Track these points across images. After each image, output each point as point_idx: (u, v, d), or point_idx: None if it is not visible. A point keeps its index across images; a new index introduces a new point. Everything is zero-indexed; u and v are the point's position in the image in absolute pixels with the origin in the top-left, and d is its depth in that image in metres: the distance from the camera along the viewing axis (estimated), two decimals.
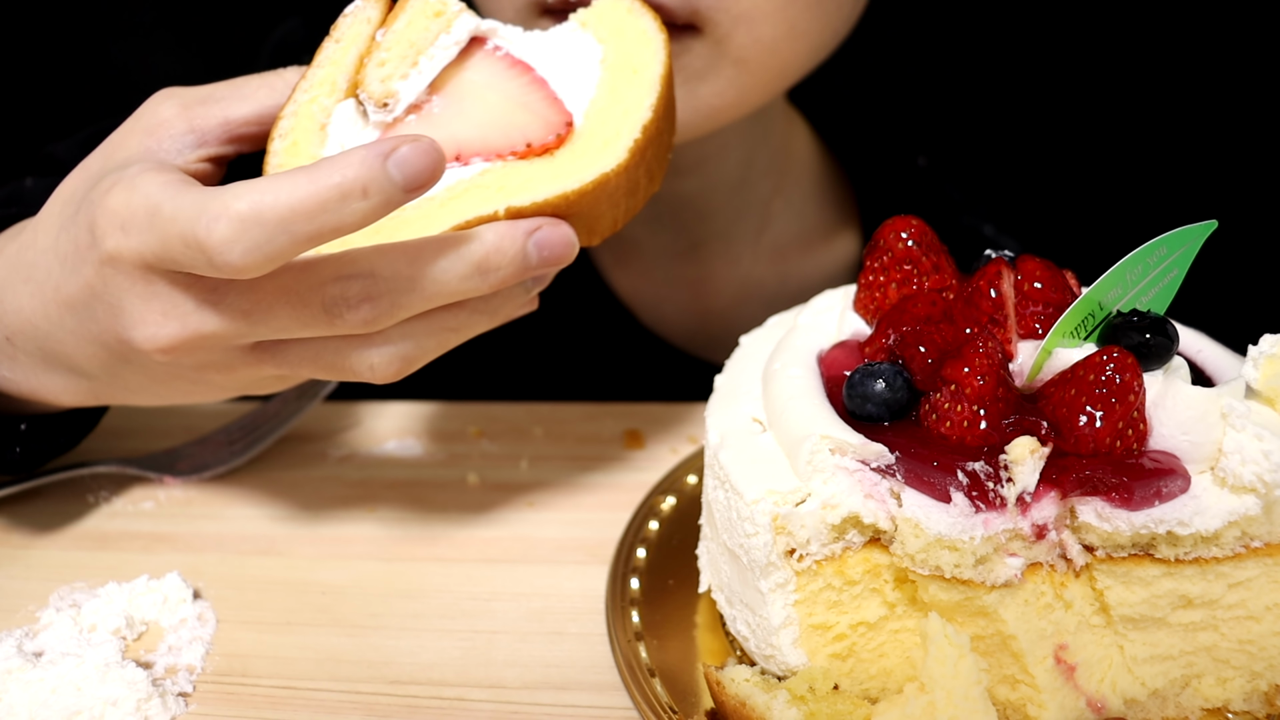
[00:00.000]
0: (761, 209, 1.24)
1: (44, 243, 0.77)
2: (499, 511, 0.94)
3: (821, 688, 0.67)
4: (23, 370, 0.82)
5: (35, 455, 0.92)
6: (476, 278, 0.70)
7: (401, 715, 0.74)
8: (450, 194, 0.75)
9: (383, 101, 0.77)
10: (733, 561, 0.71)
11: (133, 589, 0.83)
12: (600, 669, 0.77)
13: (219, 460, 1.00)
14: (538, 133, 0.76)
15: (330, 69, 0.79)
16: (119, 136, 0.78)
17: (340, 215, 0.63)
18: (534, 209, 0.73)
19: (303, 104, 0.78)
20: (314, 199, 0.62)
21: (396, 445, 1.04)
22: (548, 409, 1.08)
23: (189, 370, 0.76)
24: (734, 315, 1.27)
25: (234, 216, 0.63)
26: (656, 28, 0.81)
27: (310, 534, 0.92)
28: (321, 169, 0.63)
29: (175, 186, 0.67)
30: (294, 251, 0.64)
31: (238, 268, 0.64)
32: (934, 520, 0.64)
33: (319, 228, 0.63)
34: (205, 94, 0.78)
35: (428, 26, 0.78)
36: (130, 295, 0.71)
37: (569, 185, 0.73)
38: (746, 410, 0.74)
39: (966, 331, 0.71)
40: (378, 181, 0.63)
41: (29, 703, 0.71)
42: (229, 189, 0.64)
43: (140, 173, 0.69)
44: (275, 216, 0.62)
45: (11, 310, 0.79)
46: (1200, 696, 0.70)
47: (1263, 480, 0.63)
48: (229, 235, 0.63)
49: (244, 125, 0.78)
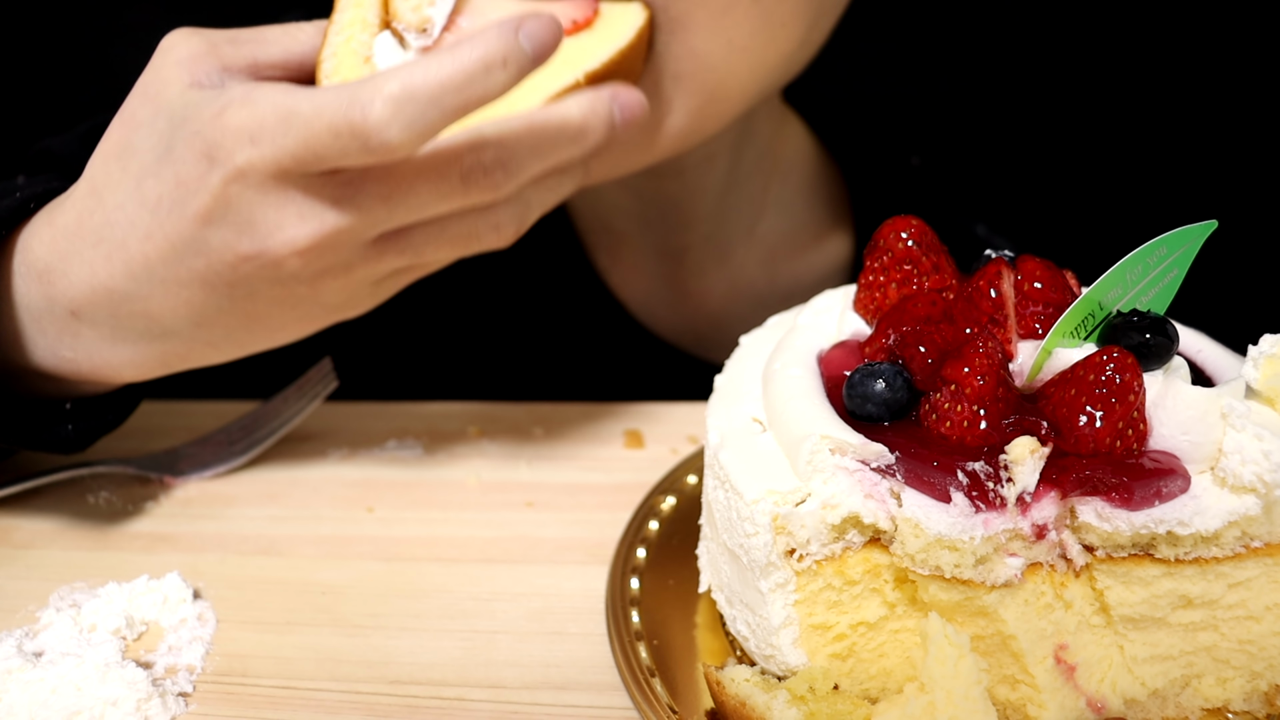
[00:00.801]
0: (751, 207, 1.24)
1: (114, 200, 0.78)
2: (499, 511, 0.94)
3: (821, 688, 0.67)
4: (86, 346, 0.83)
5: (86, 433, 0.92)
6: (580, 139, 0.79)
7: (401, 715, 0.74)
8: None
9: (421, 27, 0.82)
10: (733, 561, 0.71)
11: (133, 589, 0.83)
12: (600, 669, 0.77)
13: (219, 460, 1.00)
14: (578, 11, 0.87)
15: (355, 10, 0.84)
16: (152, 76, 0.79)
17: (486, 85, 0.70)
18: (604, 68, 0.84)
19: (339, 45, 0.82)
20: (462, 73, 0.69)
21: (396, 445, 1.04)
22: (548, 409, 1.08)
23: (305, 284, 0.79)
24: (725, 314, 1.27)
25: (388, 97, 0.68)
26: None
27: (310, 534, 0.92)
28: (462, 47, 0.70)
29: (298, 91, 0.72)
30: (443, 125, 0.71)
31: (394, 146, 0.69)
32: (934, 520, 0.64)
33: (466, 99, 0.70)
34: (230, 35, 0.81)
35: None
36: (262, 206, 0.74)
37: (620, 43, 0.85)
38: (746, 410, 0.74)
39: (966, 331, 0.71)
40: (514, 52, 0.70)
41: (29, 703, 0.71)
42: (372, 77, 0.70)
43: (252, 88, 0.73)
44: (427, 93, 0.68)
45: (80, 280, 0.80)
46: (1200, 696, 0.70)
47: (1263, 480, 0.63)
48: (386, 114, 0.68)
49: (271, 69, 0.81)
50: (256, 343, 0.86)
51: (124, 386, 0.92)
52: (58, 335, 0.83)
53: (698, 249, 1.23)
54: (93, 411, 0.92)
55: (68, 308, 0.81)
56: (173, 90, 0.77)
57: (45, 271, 0.81)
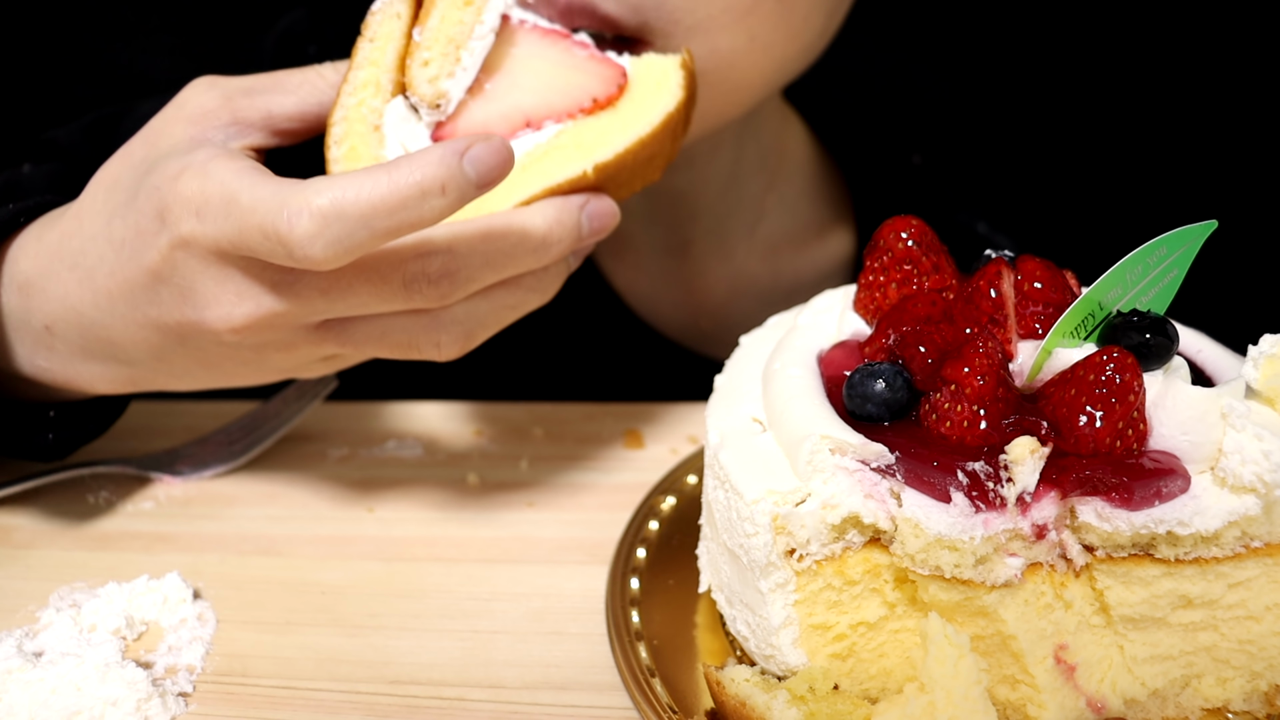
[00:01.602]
0: (753, 205, 1.24)
1: (91, 229, 0.78)
2: (499, 511, 0.94)
3: (821, 688, 0.67)
4: (60, 359, 0.83)
5: (66, 442, 0.93)
6: (540, 251, 0.76)
7: (401, 715, 0.74)
8: (531, 158, 0.80)
9: (435, 103, 0.80)
10: (733, 561, 0.71)
11: (133, 589, 0.83)
12: (600, 669, 0.77)
13: (219, 460, 1.00)
14: (600, 88, 0.81)
15: (371, 70, 0.81)
16: (160, 124, 0.79)
17: (419, 211, 0.66)
18: (617, 160, 0.79)
19: (350, 108, 0.80)
20: (395, 196, 0.66)
21: (396, 445, 1.04)
22: (548, 409, 1.08)
23: (249, 350, 0.79)
24: (727, 311, 1.27)
25: (315, 212, 0.65)
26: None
27: (310, 534, 0.92)
28: (400, 168, 0.66)
29: (251, 175, 0.70)
30: (373, 246, 0.68)
31: (318, 261, 0.67)
32: (934, 520, 0.64)
33: (398, 223, 0.67)
34: (247, 85, 0.80)
35: (461, 19, 0.81)
36: (204, 278, 0.73)
37: (642, 130, 0.80)
38: (746, 410, 0.74)
39: (966, 331, 0.71)
40: (455, 179, 0.66)
41: (29, 703, 0.71)
42: (308, 184, 0.67)
43: (211, 158, 0.72)
44: (356, 213, 0.65)
45: (55, 298, 0.80)
46: (1200, 696, 0.70)
47: (1263, 480, 0.63)
48: (311, 230, 0.66)
49: (286, 120, 0.80)
50: (217, 383, 0.85)
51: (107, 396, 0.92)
52: (33, 346, 0.84)
53: (701, 244, 1.24)
54: (75, 420, 0.92)
55: (43, 322, 0.82)
56: (165, 144, 0.78)
57: (26, 285, 0.82)
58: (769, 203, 1.25)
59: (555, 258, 0.78)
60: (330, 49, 1.24)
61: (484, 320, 0.79)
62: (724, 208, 1.22)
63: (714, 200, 1.21)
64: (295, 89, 0.80)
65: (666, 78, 0.82)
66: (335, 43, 1.22)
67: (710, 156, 1.16)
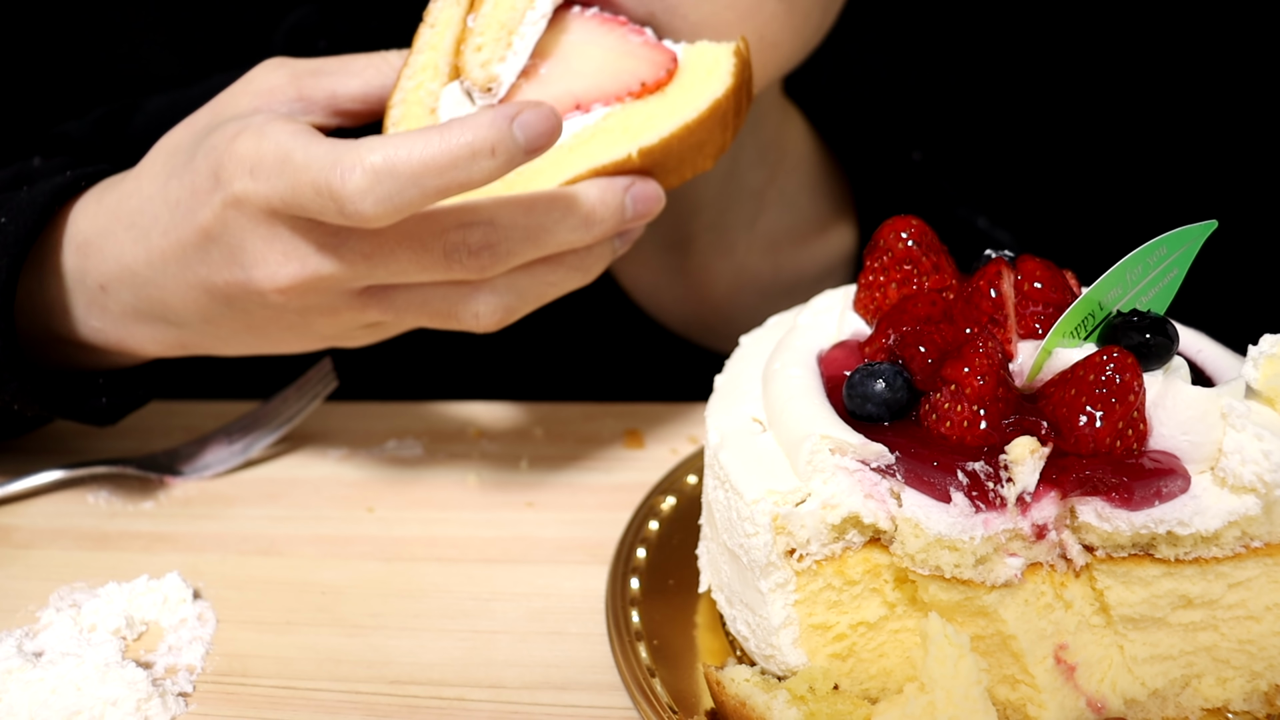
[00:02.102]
0: (754, 199, 1.24)
1: (149, 190, 0.80)
2: (499, 511, 0.94)
3: (821, 688, 0.67)
4: (113, 320, 0.85)
5: (118, 407, 0.95)
6: (582, 229, 0.77)
7: (401, 715, 0.74)
8: (578, 140, 0.81)
9: (486, 86, 0.81)
10: (733, 561, 0.71)
11: (133, 589, 0.83)
12: (600, 669, 0.77)
13: (219, 460, 1.00)
14: (649, 72, 0.82)
15: (430, 54, 0.83)
16: (228, 96, 0.82)
17: (469, 171, 0.68)
18: (662, 145, 0.80)
19: (409, 90, 0.82)
20: (446, 155, 0.67)
21: (396, 445, 1.04)
22: (548, 409, 1.08)
23: (293, 314, 0.80)
24: (730, 305, 1.28)
25: (368, 168, 0.67)
26: None
27: (310, 534, 0.92)
28: (453, 128, 0.68)
29: (305, 135, 0.71)
30: (422, 204, 0.69)
31: (368, 217, 0.68)
32: (934, 520, 0.64)
33: (447, 183, 0.68)
34: (315, 66, 0.82)
35: (514, 5, 0.82)
36: (253, 236, 0.75)
37: (688, 115, 0.80)
38: (746, 410, 0.74)
39: (966, 331, 0.71)
40: (504, 142, 0.68)
41: (29, 703, 0.71)
42: (361, 142, 0.68)
43: (268, 121, 0.74)
44: (408, 170, 0.67)
45: (111, 257, 0.82)
46: (1200, 696, 0.70)
47: (1263, 480, 0.63)
48: (362, 185, 0.67)
49: (349, 101, 0.82)
50: (262, 348, 0.87)
51: (152, 363, 0.94)
52: (88, 307, 0.86)
53: (703, 239, 1.24)
54: (123, 386, 0.94)
55: (98, 281, 0.84)
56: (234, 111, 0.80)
57: (84, 244, 0.84)
58: (769, 197, 1.26)
59: (598, 237, 0.78)
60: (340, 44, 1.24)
61: (525, 294, 0.80)
62: (724, 202, 1.23)
63: (715, 194, 1.21)
64: (360, 72, 0.82)
65: (718, 65, 0.82)
66: (345, 37, 1.23)
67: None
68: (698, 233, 1.24)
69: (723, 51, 0.83)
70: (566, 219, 0.76)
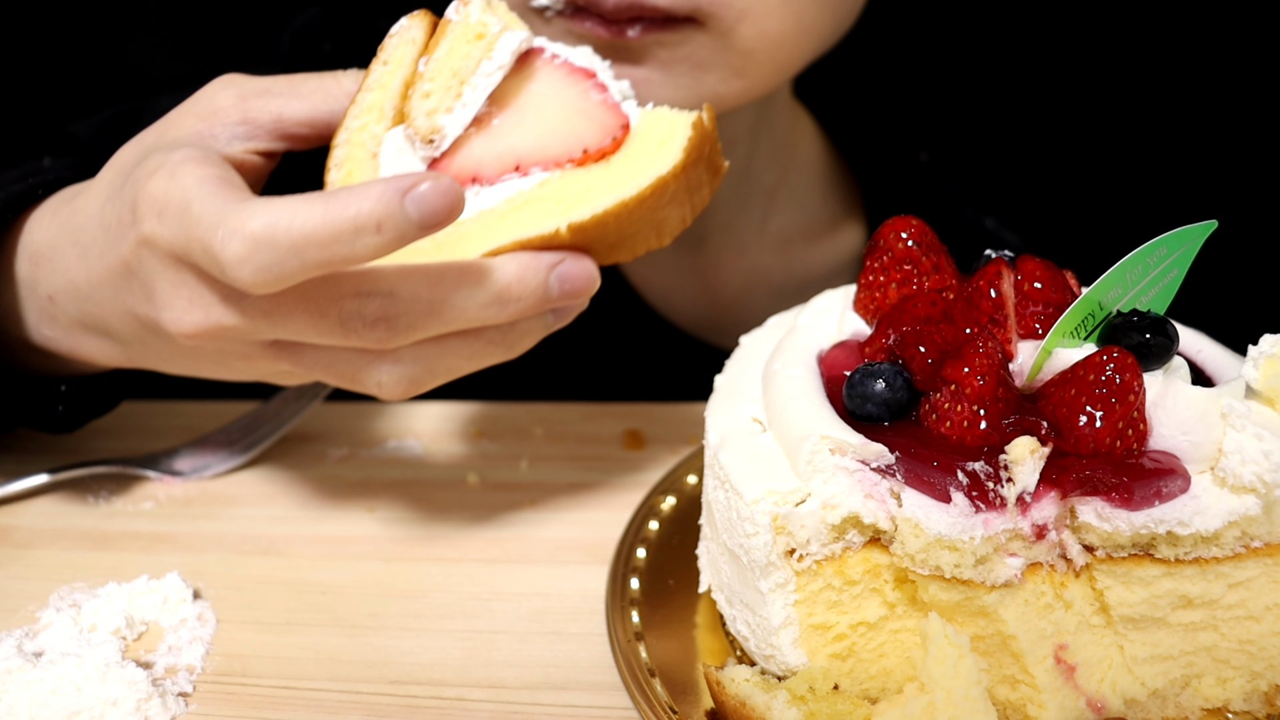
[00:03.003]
0: (766, 200, 1.26)
1: (92, 208, 0.79)
2: (499, 511, 0.94)
3: (821, 688, 0.67)
4: (62, 330, 0.84)
5: (75, 415, 0.94)
6: (495, 307, 0.71)
7: (401, 715, 0.74)
8: (511, 205, 0.75)
9: (429, 138, 0.76)
10: (733, 561, 0.71)
11: (133, 589, 0.83)
12: (600, 669, 0.77)
13: (219, 460, 1.00)
14: (594, 137, 0.75)
15: (379, 93, 0.78)
16: (175, 116, 0.80)
17: (352, 247, 0.63)
18: (594, 222, 0.72)
19: (354, 130, 0.78)
20: (328, 229, 0.63)
21: (396, 445, 1.04)
22: (548, 409, 1.08)
23: (210, 355, 0.78)
24: (742, 304, 1.29)
25: (248, 235, 0.64)
26: None
27: (310, 534, 0.92)
28: (339, 199, 0.63)
29: (210, 185, 0.68)
30: (306, 275, 0.65)
31: (247, 285, 0.65)
32: (934, 520, 0.64)
33: (330, 256, 0.64)
34: (263, 87, 0.79)
35: (468, 53, 0.76)
36: (162, 279, 0.73)
37: (627, 192, 0.72)
38: (746, 410, 0.74)
39: (966, 331, 0.71)
40: (393, 218, 0.63)
41: (29, 703, 0.71)
42: (249, 204, 0.65)
43: (183, 161, 0.71)
44: (288, 241, 0.63)
45: (59, 270, 0.81)
46: (1200, 696, 0.70)
47: (1263, 480, 0.63)
48: (241, 253, 0.64)
49: (296, 125, 0.79)
50: (200, 374, 0.84)
51: (116, 372, 0.93)
52: (39, 315, 0.85)
53: (715, 238, 1.25)
54: (84, 394, 0.93)
55: (47, 292, 0.83)
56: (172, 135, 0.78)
57: (35, 255, 0.83)
58: (780, 197, 1.27)
59: (514, 316, 0.72)
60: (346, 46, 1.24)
61: (433, 368, 0.74)
62: (737, 201, 1.24)
63: (728, 193, 1.22)
64: (309, 95, 0.79)
65: (672, 136, 0.73)
66: (351, 40, 1.23)
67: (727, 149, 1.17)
68: (711, 232, 1.25)
69: (680, 122, 0.74)
70: (476, 296, 0.70)
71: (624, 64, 0.94)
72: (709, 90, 0.97)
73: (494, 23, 0.76)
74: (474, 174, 0.76)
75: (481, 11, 0.77)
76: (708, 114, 0.74)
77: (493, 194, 0.76)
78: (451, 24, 0.77)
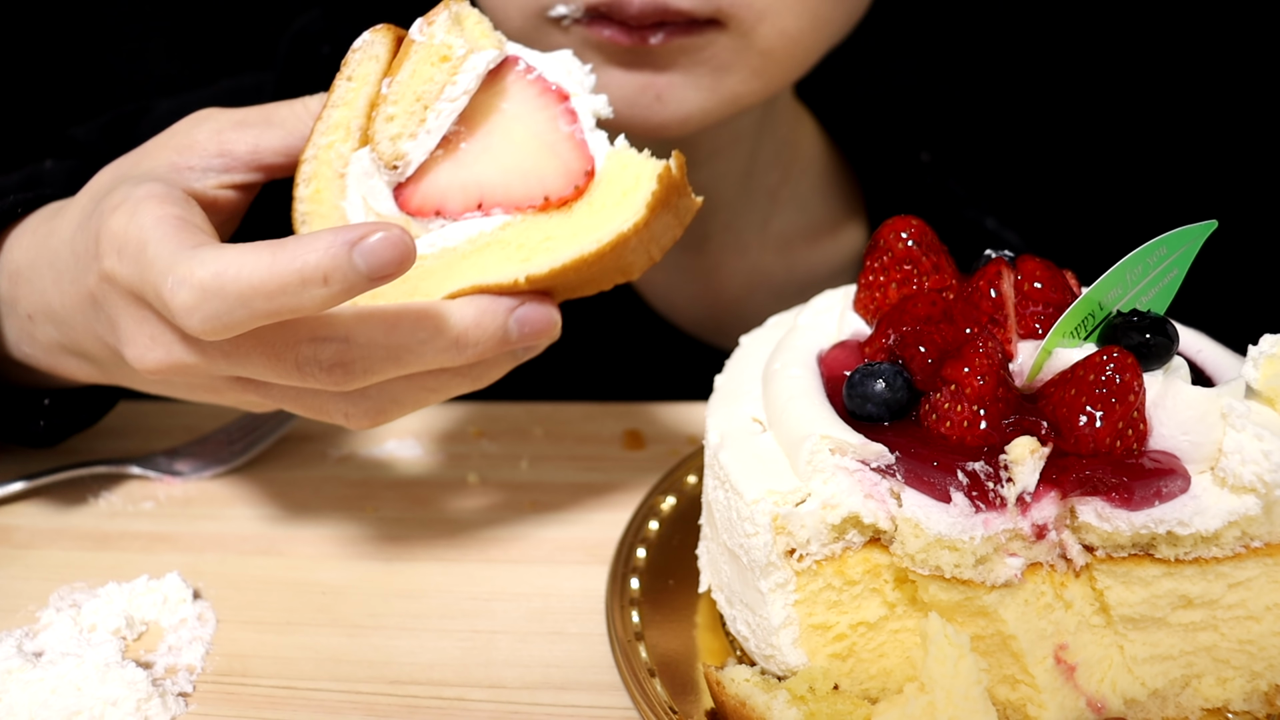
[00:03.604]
0: (768, 200, 1.26)
1: (65, 233, 0.79)
2: (499, 511, 0.94)
3: (821, 688, 0.67)
4: (41, 349, 0.84)
5: (57, 430, 0.94)
6: (453, 351, 0.71)
7: (401, 715, 0.74)
8: (472, 246, 0.74)
9: (392, 164, 0.75)
10: (733, 561, 0.71)
11: (133, 589, 0.83)
12: (600, 669, 0.77)
13: (219, 460, 1.00)
14: (556, 185, 0.73)
15: (344, 110, 0.76)
16: (152, 146, 0.79)
17: (299, 299, 0.63)
18: (552, 274, 0.71)
19: (321, 148, 0.77)
20: (274, 281, 0.62)
21: (396, 445, 1.03)
22: (548, 409, 1.08)
23: (180, 386, 0.78)
24: (743, 304, 1.29)
25: (195, 284, 0.63)
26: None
27: (310, 534, 0.92)
28: (287, 250, 0.62)
29: (166, 226, 0.67)
30: (255, 324, 0.64)
31: (197, 332, 0.65)
32: (934, 520, 0.64)
33: (278, 307, 0.63)
34: (239, 118, 0.78)
35: (432, 76, 0.74)
36: (124, 315, 0.72)
37: (586, 247, 0.71)
38: (746, 410, 0.74)
39: (966, 331, 0.71)
40: (340, 270, 0.62)
41: (29, 703, 0.71)
42: (197, 253, 0.64)
43: (145, 199, 0.70)
44: (235, 291, 0.62)
45: (37, 291, 0.81)
46: (1200, 696, 0.70)
47: (1263, 480, 0.63)
48: (189, 302, 0.63)
49: (273, 155, 0.78)
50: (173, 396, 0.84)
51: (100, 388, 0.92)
52: (19, 333, 0.85)
53: (717, 239, 1.25)
54: (68, 409, 0.93)
55: (26, 311, 0.83)
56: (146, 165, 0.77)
57: (15, 274, 0.83)
58: (782, 197, 1.27)
59: (474, 359, 0.72)
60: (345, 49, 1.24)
61: (399, 399, 0.74)
62: (740, 202, 1.24)
63: (731, 194, 1.22)
64: (283, 122, 0.78)
65: (635, 187, 0.71)
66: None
67: (730, 150, 1.18)
68: (713, 232, 1.25)
69: (646, 172, 0.71)
70: (434, 341, 0.70)
71: (647, 70, 0.95)
72: (729, 91, 0.98)
73: (459, 45, 0.74)
74: (437, 206, 0.75)
75: (446, 32, 0.74)
76: (676, 162, 0.72)
77: (455, 231, 0.75)
78: (415, 44, 0.75)
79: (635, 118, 0.98)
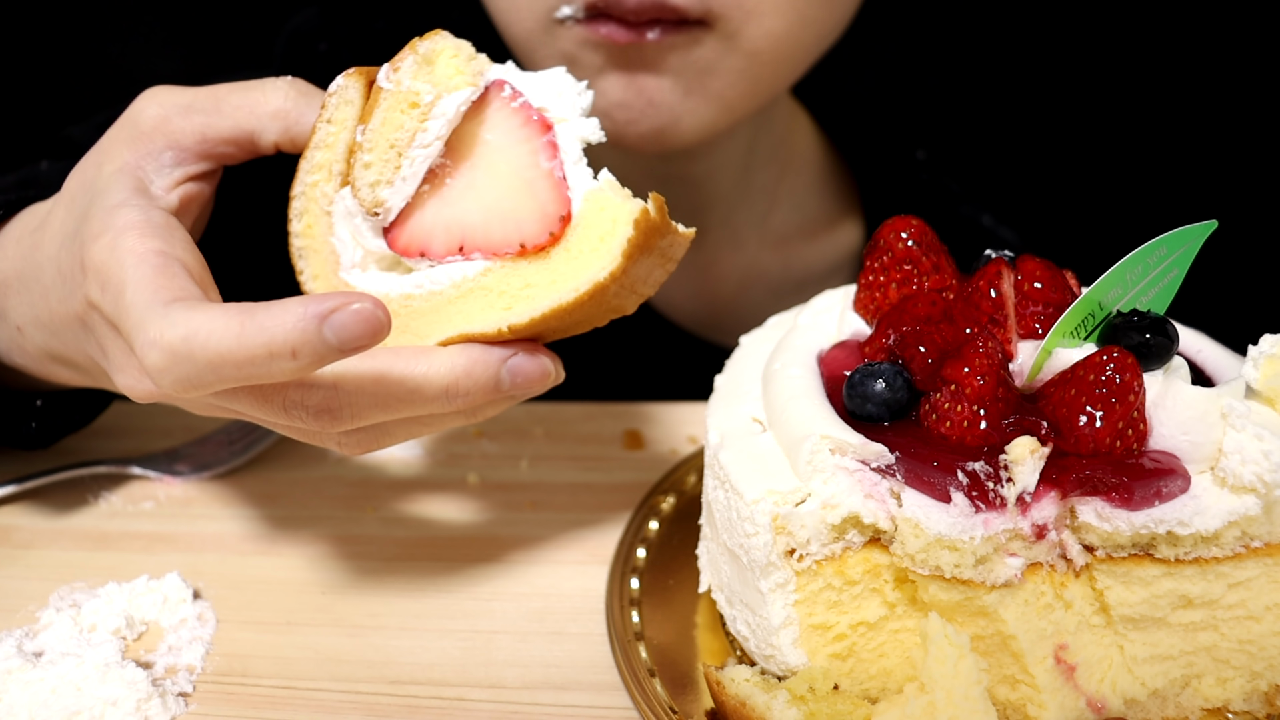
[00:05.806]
0: (764, 196, 1.26)
1: (50, 249, 0.78)
2: (499, 511, 0.94)
3: (821, 688, 0.67)
4: (31, 359, 0.84)
5: (49, 431, 0.94)
6: (443, 400, 0.70)
7: (401, 715, 0.74)
8: (457, 291, 0.73)
9: (373, 210, 0.74)
10: (733, 561, 0.71)
11: (133, 589, 0.83)
12: (600, 669, 0.77)
13: (219, 460, 1.00)
14: (532, 232, 0.72)
15: (326, 152, 0.76)
16: (108, 141, 0.78)
17: (268, 370, 0.62)
18: (533, 324, 0.70)
19: (308, 185, 0.77)
20: (242, 352, 0.61)
21: (396, 445, 1.03)
22: (548, 409, 1.08)
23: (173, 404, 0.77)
24: (740, 301, 1.29)
25: (165, 348, 0.62)
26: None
27: (310, 534, 0.92)
28: (256, 320, 0.61)
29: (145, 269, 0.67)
30: (227, 386, 0.64)
31: (170, 393, 0.64)
32: (934, 520, 0.64)
33: (247, 376, 0.62)
34: (186, 102, 0.77)
35: (402, 124, 0.73)
36: (112, 345, 0.71)
37: (563, 296, 0.70)
38: (746, 410, 0.74)
39: (966, 331, 0.71)
40: (310, 345, 0.61)
41: (29, 703, 0.71)
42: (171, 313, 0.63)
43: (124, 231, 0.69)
44: (204, 358, 0.62)
45: (25, 304, 0.81)
46: (1200, 696, 0.70)
47: (1263, 480, 0.63)
48: (159, 365, 0.63)
49: (221, 144, 0.77)
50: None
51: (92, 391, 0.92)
52: (8, 342, 0.85)
53: (714, 234, 1.26)
54: (60, 410, 0.93)
55: (15, 322, 0.83)
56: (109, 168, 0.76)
57: (4, 285, 0.83)
58: (778, 194, 1.27)
59: (464, 408, 0.71)
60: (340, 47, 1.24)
61: (390, 431, 0.74)
62: (736, 197, 1.24)
63: (727, 189, 1.23)
64: (231, 112, 0.76)
65: (612, 233, 0.69)
66: (346, 40, 1.23)
67: (727, 145, 1.18)
68: (710, 228, 1.25)
69: (623, 216, 0.69)
70: (424, 389, 0.69)
71: (641, 73, 0.96)
72: (716, 93, 0.98)
73: (426, 91, 0.73)
74: (422, 248, 0.75)
75: (413, 78, 0.73)
76: (654, 204, 0.69)
77: (440, 274, 0.74)
78: (384, 92, 0.74)
79: (629, 126, 0.98)
